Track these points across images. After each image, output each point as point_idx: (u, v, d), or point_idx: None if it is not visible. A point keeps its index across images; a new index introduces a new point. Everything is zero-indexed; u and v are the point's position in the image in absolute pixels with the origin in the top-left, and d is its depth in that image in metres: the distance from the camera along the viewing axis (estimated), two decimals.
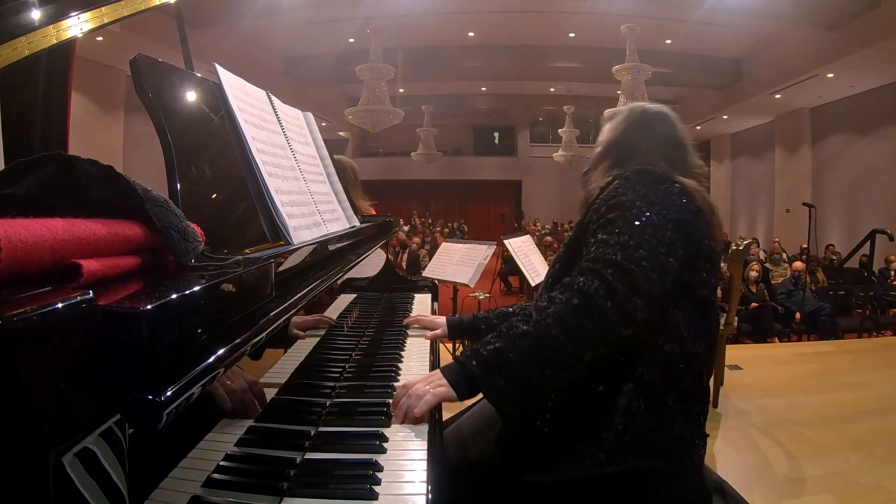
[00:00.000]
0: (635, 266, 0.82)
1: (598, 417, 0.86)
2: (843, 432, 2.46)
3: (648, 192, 0.90)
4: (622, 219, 0.87)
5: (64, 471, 0.33)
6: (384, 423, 0.85)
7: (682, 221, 0.89)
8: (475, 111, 15.78)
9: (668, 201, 0.90)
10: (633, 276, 0.81)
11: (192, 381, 0.44)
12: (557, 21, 9.63)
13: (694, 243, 0.91)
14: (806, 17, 8.13)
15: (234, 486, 0.59)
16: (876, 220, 7.72)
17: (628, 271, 0.81)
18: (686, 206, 0.92)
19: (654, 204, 0.88)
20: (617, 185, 0.94)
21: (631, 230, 0.85)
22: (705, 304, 0.94)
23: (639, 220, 0.86)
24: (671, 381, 0.88)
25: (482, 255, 3.15)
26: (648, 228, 0.85)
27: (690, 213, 0.92)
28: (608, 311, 0.79)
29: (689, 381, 0.89)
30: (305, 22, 9.38)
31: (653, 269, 0.82)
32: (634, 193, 0.90)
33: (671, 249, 0.85)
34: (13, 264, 0.38)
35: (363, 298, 1.43)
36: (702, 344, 0.92)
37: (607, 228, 0.88)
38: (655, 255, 0.83)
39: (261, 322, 0.60)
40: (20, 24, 0.96)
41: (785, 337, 5.26)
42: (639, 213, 0.87)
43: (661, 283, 0.83)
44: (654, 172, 0.96)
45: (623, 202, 0.89)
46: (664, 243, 0.85)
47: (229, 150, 0.91)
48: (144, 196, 0.54)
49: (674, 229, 0.87)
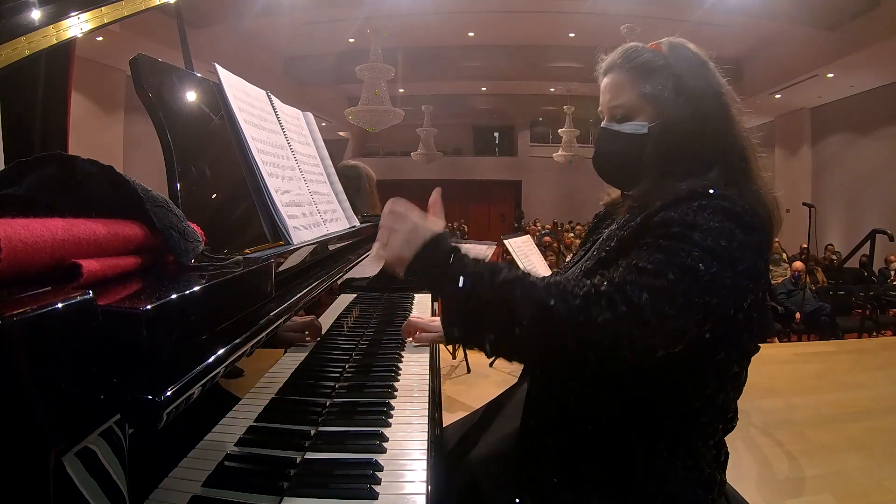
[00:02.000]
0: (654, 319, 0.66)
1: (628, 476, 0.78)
2: (843, 432, 2.46)
3: (720, 239, 0.69)
4: (674, 257, 0.69)
5: (64, 471, 0.33)
6: (384, 422, 0.86)
7: (743, 291, 0.71)
8: (475, 111, 15.76)
9: (739, 258, 0.69)
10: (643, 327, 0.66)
11: (192, 381, 0.44)
12: (557, 21, 9.62)
13: (755, 309, 0.75)
14: (806, 17, 8.12)
15: (235, 486, 0.59)
16: (876, 220, 7.72)
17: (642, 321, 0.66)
18: (756, 264, 0.72)
19: (721, 260, 0.68)
20: (685, 213, 0.72)
21: (676, 275, 0.67)
22: (748, 356, 0.81)
23: (693, 270, 0.68)
24: (707, 434, 0.80)
25: (482, 255, 3.15)
26: (696, 286, 0.67)
27: (758, 278, 0.73)
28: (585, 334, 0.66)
29: (721, 426, 0.81)
30: (305, 22, 9.37)
31: (664, 332, 0.67)
32: (702, 235, 0.69)
33: (707, 315, 0.68)
34: (13, 264, 0.38)
35: (363, 298, 1.43)
36: (738, 386, 0.82)
37: (654, 255, 0.70)
38: (684, 318, 0.67)
39: (261, 322, 0.60)
40: (20, 24, 0.96)
41: (785, 337, 5.26)
42: (697, 260, 0.68)
43: (663, 345, 0.68)
44: (735, 210, 0.72)
45: (686, 238, 0.70)
46: (704, 309, 0.67)
47: (229, 150, 0.91)
48: (144, 196, 0.54)
49: (723, 297, 0.68)
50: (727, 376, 0.79)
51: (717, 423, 0.81)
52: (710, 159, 0.80)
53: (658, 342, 0.67)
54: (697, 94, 0.81)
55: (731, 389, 0.81)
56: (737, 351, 0.79)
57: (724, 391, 0.80)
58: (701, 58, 0.85)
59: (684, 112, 0.81)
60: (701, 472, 0.79)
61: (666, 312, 0.66)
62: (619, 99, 0.87)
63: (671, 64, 0.83)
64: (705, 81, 0.83)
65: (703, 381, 0.78)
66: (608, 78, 0.89)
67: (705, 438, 0.80)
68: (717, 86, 0.83)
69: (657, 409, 0.78)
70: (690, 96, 0.81)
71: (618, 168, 0.91)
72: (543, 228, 13.24)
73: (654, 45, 0.87)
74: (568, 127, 12.53)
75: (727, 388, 0.80)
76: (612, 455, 0.80)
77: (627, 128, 0.86)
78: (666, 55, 0.84)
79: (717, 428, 0.81)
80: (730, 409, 0.82)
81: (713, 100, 0.82)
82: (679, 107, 0.81)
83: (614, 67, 0.88)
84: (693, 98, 0.81)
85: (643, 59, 0.85)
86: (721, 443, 0.83)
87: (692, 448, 0.79)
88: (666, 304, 0.66)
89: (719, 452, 0.83)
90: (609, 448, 0.80)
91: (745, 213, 0.72)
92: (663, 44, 0.86)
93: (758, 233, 0.73)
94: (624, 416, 0.79)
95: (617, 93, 0.87)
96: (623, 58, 0.87)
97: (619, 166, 0.90)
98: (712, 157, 0.80)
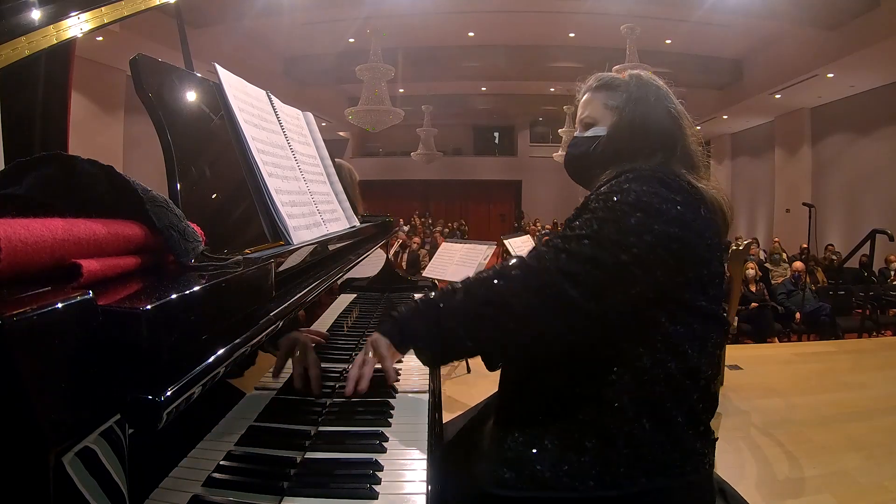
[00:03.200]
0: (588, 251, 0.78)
1: (602, 438, 0.81)
2: (843, 432, 2.46)
3: (641, 195, 0.81)
4: (608, 213, 0.81)
5: (64, 471, 0.33)
6: (384, 422, 0.86)
7: (671, 237, 0.80)
8: (475, 111, 15.77)
9: (664, 209, 0.81)
10: (582, 263, 0.78)
11: (192, 381, 0.44)
12: (557, 21, 9.62)
13: (695, 262, 0.83)
14: (806, 17, 8.13)
15: (235, 486, 0.59)
16: (876, 220, 7.73)
17: (580, 260, 0.78)
18: (683, 215, 0.82)
19: (643, 209, 0.80)
20: (613, 184, 0.85)
21: (600, 224, 0.80)
22: (709, 318, 0.87)
23: (618, 218, 0.80)
24: (678, 399, 0.83)
25: (482, 255, 3.15)
26: (622, 231, 0.79)
27: (688, 227, 0.82)
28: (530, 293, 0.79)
29: (695, 395, 0.84)
30: (305, 22, 9.38)
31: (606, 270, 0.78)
32: (635, 195, 0.81)
33: (638, 258, 0.78)
34: (13, 264, 0.38)
35: (363, 298, 1.43)
36: (707, 356, 0.86)
37: (584, 217, 0.83)
38: (615, 259, 0.78)
39: (261, 322, 0.60)
40: (20, 24, 0.96)
41: (785, 337, 5.26)
42: (622, 212, 0.80)
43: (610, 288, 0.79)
44: (658, 174, 0.85)
45: (616, 199, 0.82)
46: (633, 253, 0.78)
47: (229, 150, 0.91)
48: (144, 196, 0.54)
49: (651, 242, 0.79)
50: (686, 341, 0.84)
51: (686, 386, 0.83)
52: (654, 150, 0.93)
53: (596, 279, 0.78)
54: (649, 104, 0.96)
55: (695, 350, 0.84)
56: (691, 312, 0.84)
57: (679, 356, 0.83)
58: (656, 84, 1.00)
59: (634, 116, 0.96)
60: (678, 439, 0.82)
61: (598, 254, 0.78)
62: (587, 111, 1.04)
63: (630, 86, 0.99)
64: (656, 97, 0.97)
65: (656, 338, 0.83)
66: (583, 98, 1.06)
67: (675, 402, 0.82)
68: (667, 102, 0.97)
69: (614, 363, 0.83)
70: (642, 106, 0.96)
71: (581, 168, 1.05)
72: (543, 228, 13.23)
73: (621, 73, 1.05)
74: (568, 127, 12.50)
75: (683, 353, 0.83)
76: (579, 413, 0.84)
77: (590, 132, 1.02)
78: (627, 80, 1.01)
79: (689, 393, 0.84)
80: (699, 373, 0.85)
81: (662, 111, 0.96)
82: (631, 112, 0.96)
83: (588, 90, 1.05)
84: (644, 106, 0.96)
85: (608, 79, 1.03)
86: (699, 415, 0.86)
87: (660, 409, 0.82)
88: (597, 247, 0.78)
89: (698, 422, 0.85)
90: (576, 407, 0.84)
91: (669, 177, 0.84)
92: (628, 73, 1.04)
93: (683, 193, 0.83)
94: (586, 372, 0.85)
95: (586, 107, 1.04)
96: (595, 80, 1.05)
97: (582, 167, 1.04)
98: (656, 149, 0.93)
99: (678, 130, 0.96)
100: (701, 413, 0.86)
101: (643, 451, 0.80)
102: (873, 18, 7.47)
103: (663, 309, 0.83)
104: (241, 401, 0.66)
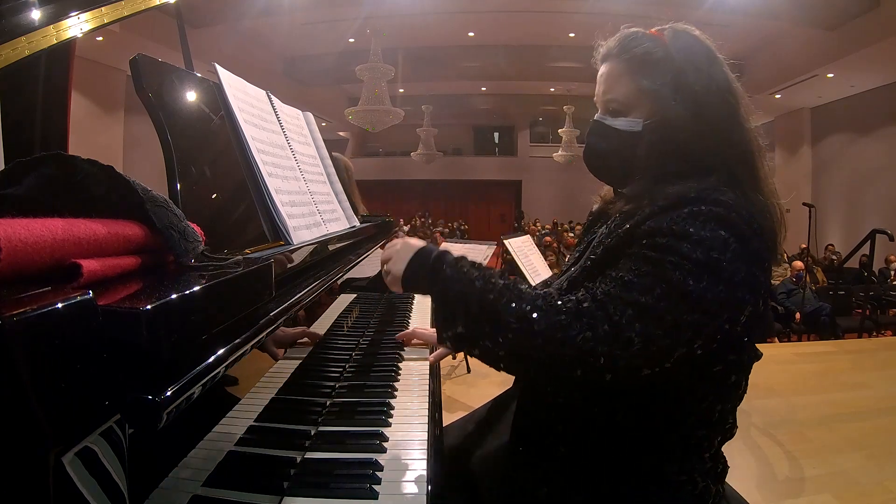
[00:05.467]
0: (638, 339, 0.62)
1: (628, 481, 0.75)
2: (843, 432, 2.46)
3: (712, 251, 0.64)
4: (661, 271, 0.64)
5: (64, 471, 0.33)
6: (384, 422, 0.86)
7: (739, 303, 0.66)
8: (475, 111, 15.77)
9: (733, 270, 0.64)
10: (625, 348, 0.62)
11: (192, 380, 0.44)
12: (557, 21, 9.62)
13: (752, 320, 0.69)
14: (806, 17, 8.12)
15: (235, 486, 0.59)
16: (876, 220, 7.72)
17: (625, 341, 0.62)
18: (754, 275, 0.66)
19: (712, 272, 0.64)
20: (674, 221, 0.67)
21: (663, 291, 0.63)
22: (750, 356, 0.77)
23: (682, 285, 0.63)
24: (706, 445, 0.76)
25: (482, 255, 3.15)
26: (684, 304, 0.63)
27: (756, 289, 0.67)
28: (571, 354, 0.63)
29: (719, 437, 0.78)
30: (305, 22, 9.38)
31: (648, 353, 0.63)
32: (703, 251, 0.64)
33: (696, 334, 0.64)
34: (13, 264, 0.38)
35: (363, 298, 1.43)
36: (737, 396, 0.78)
37: (641, 268, 0.66)
38: (672, 337, 0.63)
39: (261, 322, 0.60)
40: (20, 24, 0.96)
41: (785, 337, 5.26)
42: (686, 275, 0.63)
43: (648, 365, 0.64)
44: (731, 217, 0.66)
45: (673, 250, 0.65)
46: (693, 327, 0.63)
47: (229, 150, 0.91)
48: (144, 196, 0.54)
49: (714, 314, 0.64)
50: (724, 387, 0.75)
51: (714, 435, 0.77)
52: (710, 163, 0.73)
53: (642, 362, 0.63)
54: (700, 92, 0.74)
55: (729, 401, 0.77)
56: (734, 362, 0.74)
57: (721, 403, 0.75)
58: (707, 49, 0.78)
59: (684, 111, 0.74)
60: (695, 485, 0.75)
61: (651, 332, 0.62)
62: (613, 91, 0.81)
63: (673, 56, 0.76)
64: (709, 78, 0.75)
65: (696, 394, 0.73)
66: (604, 67, 0.83)
67: (700, 452, 0.76)
68: (723, 82, 0.76)
69: (648, 423, 0.74)
70: (692, 94, 0.74)
71: (609, 165, 0.86)
72: (543, 228, 13.24)
73: (655, 31, 0.80)
74: (568, 127, 12.53)
75: (723, 399, 0.76)
76: (601, 468, 0.77)
77: (621, 123, 0.80)
78: (668, 45, 0.77)
79: (714, 441, 0.77)
80: (727, 420, 0.78)
81: (717, 98, 0.75)
82: (678, 105, 0.75)
83: (611, 56, 0.82)
84: (694, 96, 0.74)
85: (642, 50, 0.78)
86: (719, 455, 0.80)
87: (686, 462, 0.75)
88: (651, 323, 0.62)
89: (716, 464, 0.79)
90: (598, 461, 0.77)
91: (740, 220, 0.66)
92: (666, 31, 0.80)
93: (755, 241, 0.67)
94: (614, 428, 0.75)
95: (612, 84, 0.81)
96: (620, 47, 0.80)
97: (611, 163, 0.85)
98: (712, 162, 0.73)
99: (736, 129, 0.76)
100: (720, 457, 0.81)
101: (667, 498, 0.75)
102: (873, 18, 7.47)
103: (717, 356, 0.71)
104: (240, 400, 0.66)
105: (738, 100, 0.77)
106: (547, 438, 0.82)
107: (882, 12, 7.32)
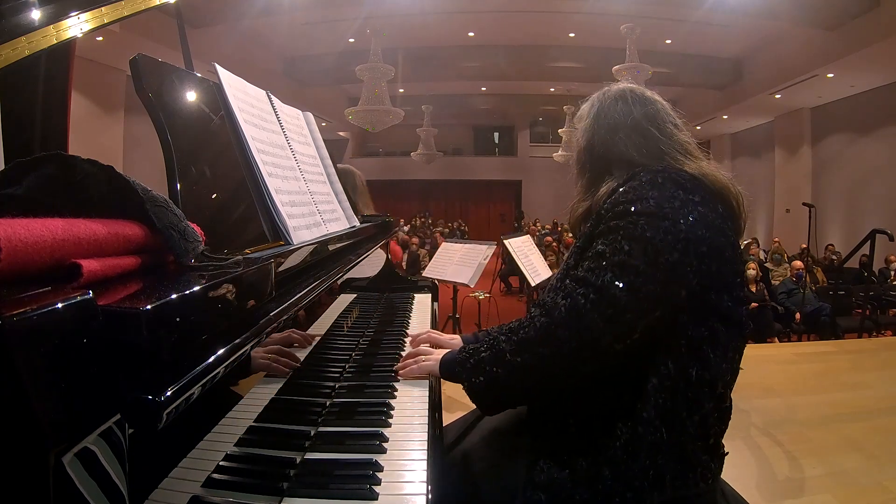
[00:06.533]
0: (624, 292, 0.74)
1: (630, 452, 0.79)
2: (843, 432, 2.45)
3: (662, 202, 0.78)
4: (626, 231, 0.77)
5: (64, 471, 0.33)
6: (384, 423, 0.85)
7: (699, 239, 0.78)
8: (475, 111, 15.78)
9: (686, 212, 0.78)
10: (615, 305, 0.73)
11: (192, 381, 0.44)
12: (557, 21, 9.62)
13: (717, 260, 0.80)
14: (806, 17, 8.13)
15: (234, 486, 0.59)
16: (876, 220, 7.72)
17: (612, 299, 0.74)
18: (706, 216, 0.80)
19: (666, 217, 0.77)
20: (626, 191, 0.82)
21: (630, 245, 0.76)
22: (733, 323, 0.84)
23: (643, 235, 0.76)
24: (693, 408, 0.80)
25: (482, 255, 3.15)
26: (651, 248, 0.75)
27: (712, 227, 0.80)
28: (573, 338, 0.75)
29: (710, 405, 0.82)
30: (305, 22, 9.38)
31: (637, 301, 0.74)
32: (645, 203, 0.78)
33: (677, 272, 0.76)
34: (13, 264, 0.38)
35: (363, 298, 1.43)
36: (728, 363, 0.84)
37: (608, 237, 0.79)
38: (652, 281, 0.74)
39: (261, 322, 0.60)
40: (20, 24, 0.96)
41: (785, 337, 5.26)
42: (645, 226, 0.76)
43: (649, 313, 0.75)
44: (672, 175, 0.82)
45: (630, 211, 0.79)
46: (668, 267, 0.75)
47: (229, 150, 0.91)
48: (144, 196, 0.54)
49: (683, 250, 0.76)
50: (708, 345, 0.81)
51: (703, 395, 0.81)
52: (648, 158, 0.90)
53: (633, 316, 0.74)
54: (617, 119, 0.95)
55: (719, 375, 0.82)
56: (721, 330, 0.82)
57: (701, 361, 0.81)
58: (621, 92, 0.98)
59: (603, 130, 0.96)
60: (683, 447, 0.79)
61: (631, 282, 0.74)
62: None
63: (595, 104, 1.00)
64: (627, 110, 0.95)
65: (680, 342, 0.80)
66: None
67: (689, 411, 0.80)
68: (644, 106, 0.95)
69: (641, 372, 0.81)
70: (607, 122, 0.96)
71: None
72: (543, 228, 13.24)
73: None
74: (568, 127, 12.53)
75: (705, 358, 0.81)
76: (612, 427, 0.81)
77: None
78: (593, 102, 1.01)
79: (703, 403, 0.81)
80: (716, 382, 0.82)
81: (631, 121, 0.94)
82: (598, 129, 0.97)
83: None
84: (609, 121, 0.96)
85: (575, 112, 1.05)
86: (711, 427, 0.83)
87: (676, 417, 0.79)
88: (629, 274, 0.74)
89: (707, 435, 0.83)
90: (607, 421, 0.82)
91: (682, 176, 0.82)
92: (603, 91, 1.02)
93: (700, 191, 0.81)
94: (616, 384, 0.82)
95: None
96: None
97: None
98: (647, 157, 0.90)
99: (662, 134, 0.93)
100: (714, 423, 0.84)
101: (660, 461, 0.78)
102: (873, 18, 7.47)
103: (688, 312, 0.80)
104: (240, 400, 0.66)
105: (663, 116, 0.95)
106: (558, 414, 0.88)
107: (882, 12, 7.32)
